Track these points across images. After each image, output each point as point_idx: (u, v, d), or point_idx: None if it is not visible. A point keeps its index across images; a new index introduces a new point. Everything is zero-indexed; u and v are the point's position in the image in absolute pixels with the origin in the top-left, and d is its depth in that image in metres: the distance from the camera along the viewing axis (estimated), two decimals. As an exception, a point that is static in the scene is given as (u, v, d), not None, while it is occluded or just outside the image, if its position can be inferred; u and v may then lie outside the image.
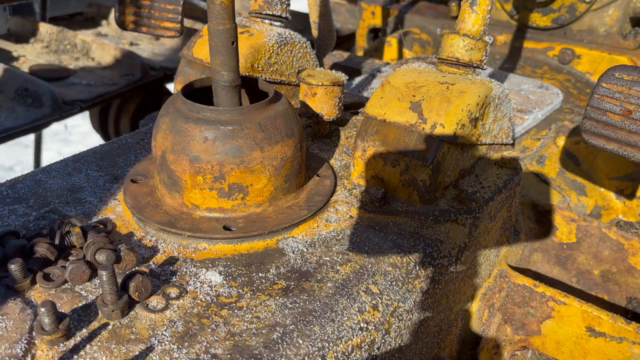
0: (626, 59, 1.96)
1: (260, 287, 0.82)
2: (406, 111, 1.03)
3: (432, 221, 1.00)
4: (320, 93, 1.18)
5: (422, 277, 0.92)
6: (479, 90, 1.02)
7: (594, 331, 1.11)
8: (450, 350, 1.13)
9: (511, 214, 1.22)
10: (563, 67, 2.08)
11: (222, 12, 0.86)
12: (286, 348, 0.72)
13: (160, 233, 0.92)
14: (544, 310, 1.15)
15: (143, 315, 0.76)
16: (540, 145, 1.62)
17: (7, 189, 1.04)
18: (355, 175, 1.10)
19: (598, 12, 2.04)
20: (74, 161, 1.15)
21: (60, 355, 0.69)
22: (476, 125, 1.04)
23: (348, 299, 0.81)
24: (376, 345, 0.82)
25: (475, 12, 1.07)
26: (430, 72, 1.10)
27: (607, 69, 1.18)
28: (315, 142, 1.25)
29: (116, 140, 1.26)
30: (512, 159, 1.18)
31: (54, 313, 0.69)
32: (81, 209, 0.99)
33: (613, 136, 1.16)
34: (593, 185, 1.61)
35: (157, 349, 0.70)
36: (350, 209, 1.01)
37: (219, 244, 0.90)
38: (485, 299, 1.18)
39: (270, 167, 0.93)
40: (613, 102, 1.15)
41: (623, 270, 1.29)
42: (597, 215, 1.60)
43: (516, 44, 2.19)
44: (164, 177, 0.95)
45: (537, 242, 1.37)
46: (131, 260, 0.83)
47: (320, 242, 0.92)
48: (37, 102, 1.92)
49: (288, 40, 1.34)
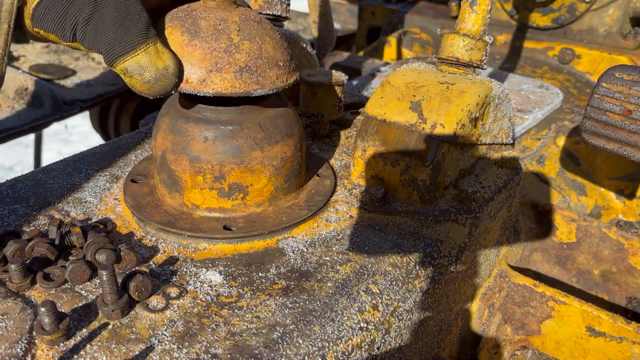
0: (626, 59, 1.96)
1: (260, 286, 0.82)
2: (406, 111, 1.03)
3: (432, 221, 1.00)
4: (320, 93, 1.18)
5: (422, 277, 0.92)
6: (479, 90, 1.02)
7: (594, 331, 1.11)
8: (451, 350, 1.13)
9: (511, 214, 1.22)
10: (563, 67, 2.08)
11: None
12: (286, 348, 0.72)
13: (161, 233, 0.92)
14: (544, 310, 1.15)
15: (143, 315, 0.76)
16: (540, 145, 1.62)
17: (7, 188, 1.04)
18: (355, 175, 1.10)
19: (598, 12, 2.04)
20: (74, 161, 1.15)
21: (61, 355, 0.69)
22: (476, 125, 1.04)
23: (348, 299, 0.81)
24: (376, 345, 0.82)
25: (475, 12, 1.07)
26: (430, 72, 1.10)
27: (607, 69, 1.18)
28: (315, 142, 1.25)
29: (116, 140, 1.26)
30: (512, 158, 1.18)
31: (54, 313, 0.69)
32: (81, 209, 0.99)
33: (613, 136, 1.16)
34: (593, 185, 1.61)
35: (157, 349, 0.71)
36: (350, 208, 1.01)
37: (219, 244, 0.90)
38: (485, 298, 1.18)
39: (270, 167, 0.93)
40: (613, 102, 1.15)
41: (623, 270, 1.29)
42: (597, 215, 1.60)
43: (516, 44, 2.19)
44: (164, 177, 0.95)
45: (537, 242, 1.37)
46: (131, 260, 0.83)
47: (321, 242, 0.92)
48: (37, 102, 1.92)
49: (288, 40, 1.34)
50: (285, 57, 0.91)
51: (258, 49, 0.87)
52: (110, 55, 0.81)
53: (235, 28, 0.86)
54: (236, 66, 0.85)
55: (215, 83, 0.84)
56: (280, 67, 0.89)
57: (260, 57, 0.87)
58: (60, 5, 0.80)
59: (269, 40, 0.89)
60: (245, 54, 0.86)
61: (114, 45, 0.80)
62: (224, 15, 0.87)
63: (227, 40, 0.85)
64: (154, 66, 0.81)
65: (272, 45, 0.89)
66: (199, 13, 0.86)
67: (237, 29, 0.86)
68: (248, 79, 0.86)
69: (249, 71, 0.86)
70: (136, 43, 0.80)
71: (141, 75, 0.81)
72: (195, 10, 0.87)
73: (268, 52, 0.88)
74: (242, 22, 0.87)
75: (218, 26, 0.85)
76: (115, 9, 0.80)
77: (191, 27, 0.85)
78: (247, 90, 0.86)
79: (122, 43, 0.80)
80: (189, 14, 0.87)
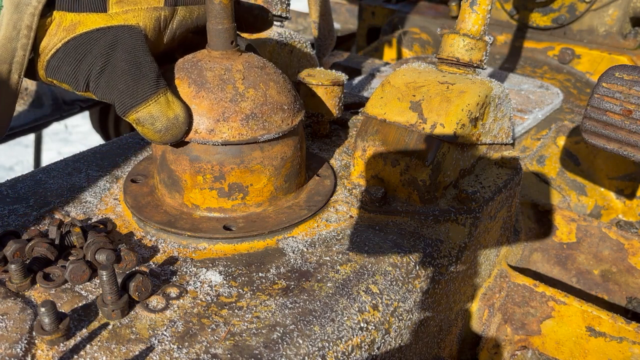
0: (626, 58, 1.97)
1: (260, 287, 0.82)
2: (406, 111, 1.03)
3: (432, 221, 1.00)
4: (320, 93, 1.18)
5: (422, 277, 0.92)
6: (479, 90, 1.02)
7: (594, 331, 1.11)
8: (451, 350, 1.13)
9: (511, 214, 1.22)
10: (563, 67, 2.08)
11: (221, 12, 0.86)
12: (286, 348, 0.72)
13: (160, 233, 0.92)
14: (544, 310, 1.15)
15: (143, 315, 0.76)
16: (540, 145, 1.62)
17: (7, 188, 1.04)
18: (355, 175, 1.10)
19: (598, 12, 2.05)
20: (74, 161, 1.15)
21: (60, 355, 0.69)
22: (476, 125, 1.04)
23: (348, 299, 0.81)
24: (376, 345, 0.82)
25: (475, 12, 1.07)
26: (430, 72, 1.10)
27: (607, 69, 1.18)
28: (315, 142, 1.25)
29: (116, 140, 1.26)
30: (512, 158, 1.18)
31: (54, 313, 0.69)
32: (81, 209, 0.99)
33: (613, 136, 1.16)
34: (593, 185, 1.61)
35: (157, 349, 0.71)
36: (350, 208, 1.01)
37: (219, 244, 0.90)
38: (485, 298, 1.18)
39: (270, 167, 0.93)
40: (613, 101, 1.15)
41: (623, 270, 1.29)
42: (597, 215, 1.60)
43: (516, 44, 2.19)
44: (164, 177, 0.95)
45: (537, 242, 1.37)
46: (131, 260, 0.83)
47: (320, 242, 0.92)
48: (37, 102, 1.92)
49: (288, 40, 1.34)
50: (289, 100, 0.94)
51: (262, 95, 0.89)
52: (122, 106, 0.82)
53: (240, 77, 0.88)
54: (242, 114, 0.87)
55: (223, 132, 0.87)
56: (285, 110, 0.92)
57: (265, 103, 0.89)
58: (74, 58, 0.82)
59: (273, 86, 0.91)
60: (251, 102, 0.88)
61: (125, 97, 0.81)
62: (228, 65, 0.89)
63: (232, 90, 0.87)
64: (165, 116, 0.83)
65: (276, 90, 0.92)
66: (204, 64, 0.89)
67: (242, 78, 0.88)
68: (254, 125, 0.88)
69: (255, 118, 0.88)
70: (147, 94, 0.82)
71: (153, 125, 0.83)
72: (201, 60, 0.89)
73: (272, 97, 0.91)
74: (246, 70, 0.90)
75: (223, 76, 0.88)
76: (126, 61, 0.81)
77: (197, 79, 0.87)
78: (255, 136, 0.88)
79: (134, 95, 0.81)
80: (195, 65, 0.89)
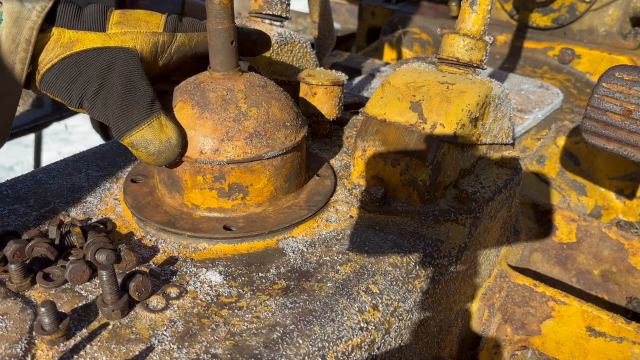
0: (626, 59, 1.97)
1: (260, 287, 0.82)
2: (406, 111, 1.03)
3: (432, 221, 1.00)
4: (320, 93, 1.18)
5: (422, 277, 0.92)
6: (479, 90, 1.02)
7: (594, 331, 1.11)
8: (451, 350, 1.13)
9: (511, 214, 1.22)
10: (563, 67, 2.08)
11: (221, 12, 0.86)
12: (286, 348, 0.72)
13: (160, 233, 0.92)
14: (544, 310, 1.15)
15: (143, 315, 0.76)
16: (540, 145, 1.62)
17: (7, 188, 1.04)
18: (355, 175, 1.10)
19: (598, 12, 2.05)
20: (74, 161, 1.15)
21: (60, 355, 0.69)
22: (476, 125, 1.04)
23: (348, 299, 0.81)
24: (376, 345, 0.82)
25: (475, 12, 1.07)
26: (430, 72, 1.10)
27: (607, 69, 1.18)
28: (315, 142, 1.25)
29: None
30: (512, 158, 1.18)
31: (54, 313, 0.69)
32: (81, 209, 0.99)
33: (613, 136, 1.16)
34: (593, 185, 1.61)
35: (157, 349, 0.71)
36: (350, 208, 1.01)
37: (219, 244, 0.90)
38: (485, 298, 1.18)
39: (270, 166, 0.93)
40: (613, 102, 1.15)
41: (623, 270, 1.29)
42: (597, 215, 1.60)
43: (516, 44, 2.19)
44: (164, 176, 0.95)
45: (537, 242, 1.37)
46: (131, 260, 0.83)
47: (320, 242, 0.92)
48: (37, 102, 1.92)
49: (288, 40, 1.34)
50: (291, 117, 0.95)
51: (265, 113, 0.91)
52: (117, 130, 0.85)
53: (242, 96, 0.90)
54: (246, 133, 0.88)
55: (227, 151, 0.88)
56: (287, 127, 0.93)
57: (268, 121, 0.90)
58: (69, 75, 0.84)
59: (275, 104, 0.93)
60: (254, 120, 0.89)
61: (119, 121, 0.84)
62: (230, 85, 0.90)
63: (235, 109, 0.89)
64: (158, 139, 0.85)
65: (278, 108, 0.93)
66: (206, 85, 0.90)
67: (244, 97, 0.90)
68: (258, 143, 0.89)
69: (259, 136, 0.89)
70: (140, 119, 0.84)
71: (146, 148, 0.85)
72: (203, 82, 0.91)
73: (275, 115, 0.92)
74: (248, 90, 0.91)
75: (225, 96, 0.89)
76: (121, 85, 0.83)
77: (200, 100, 0.89)
78: (259, 154, 0.90)
79: (128, 119, 0.84)
80: (197, 87, 0.90)
